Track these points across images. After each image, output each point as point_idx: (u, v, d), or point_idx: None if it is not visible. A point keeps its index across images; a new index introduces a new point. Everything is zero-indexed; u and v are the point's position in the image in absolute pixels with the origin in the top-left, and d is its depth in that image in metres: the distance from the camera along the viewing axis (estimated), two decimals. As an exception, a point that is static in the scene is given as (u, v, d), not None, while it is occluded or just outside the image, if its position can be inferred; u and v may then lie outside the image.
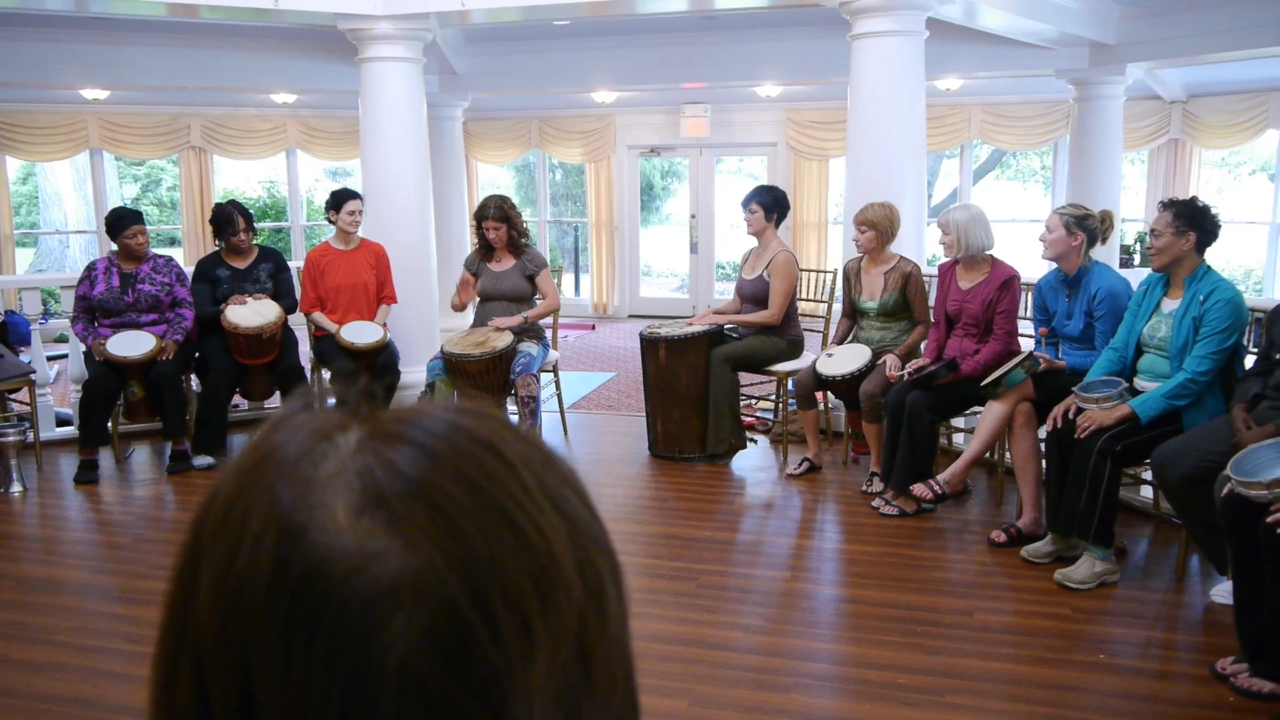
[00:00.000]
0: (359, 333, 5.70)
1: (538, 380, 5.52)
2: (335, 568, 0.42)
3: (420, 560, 0.42)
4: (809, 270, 6.40)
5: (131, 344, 5.37)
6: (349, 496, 0.44)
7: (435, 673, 0.42)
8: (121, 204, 5.76)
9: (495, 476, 0.46)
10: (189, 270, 5.86)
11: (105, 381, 5.33)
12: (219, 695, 0.43)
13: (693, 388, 5.57)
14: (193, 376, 5.86)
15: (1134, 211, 10.34)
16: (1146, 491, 4.70)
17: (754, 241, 5.72)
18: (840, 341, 5.41)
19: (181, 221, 11.13)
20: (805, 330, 5.85)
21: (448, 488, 0.44)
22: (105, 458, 5.66)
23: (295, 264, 6.37)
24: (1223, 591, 3.71)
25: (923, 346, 5.12)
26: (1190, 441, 3.63)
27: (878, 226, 5.17)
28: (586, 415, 6.87)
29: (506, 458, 0.47)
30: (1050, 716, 3.04)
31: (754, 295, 5.59)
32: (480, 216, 5.72)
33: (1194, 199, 3.97)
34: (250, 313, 5.50)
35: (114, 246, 5.61)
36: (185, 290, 5.67)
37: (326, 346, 5.78)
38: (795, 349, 5.66)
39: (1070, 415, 4.03)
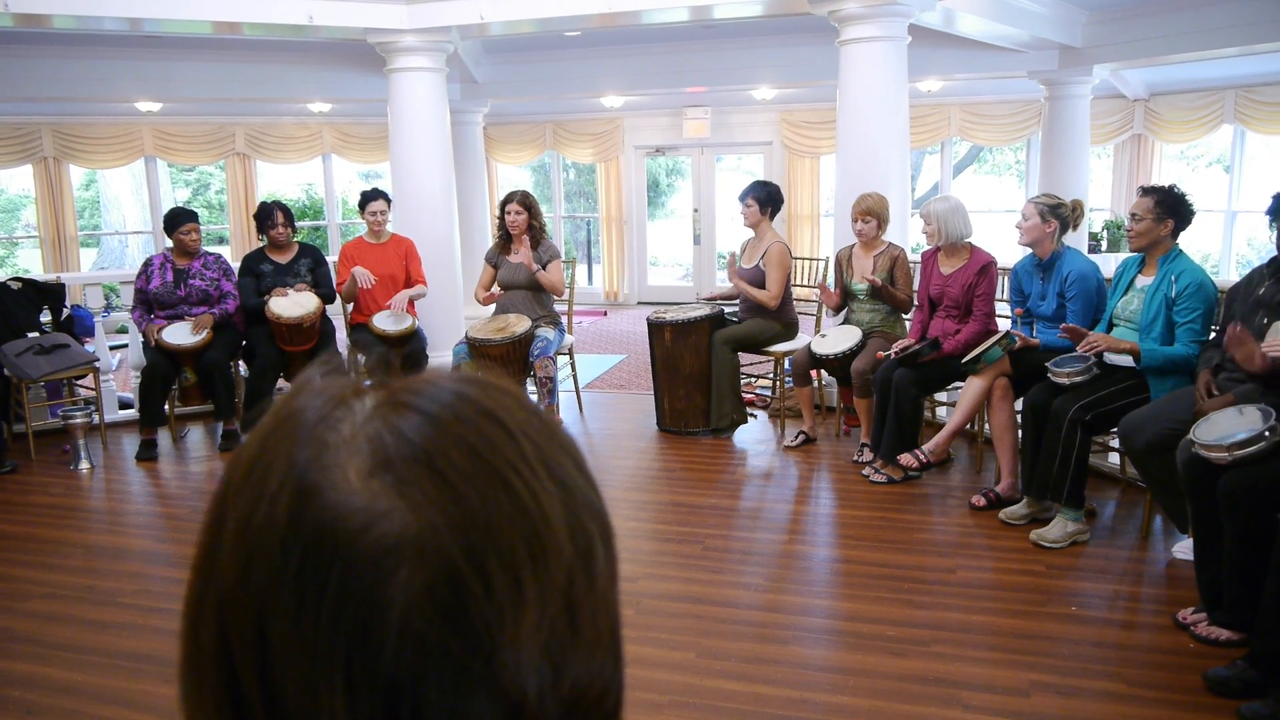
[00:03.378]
0: (390, 320, 5.70)
1: (555, 362, 5.51)
2: (345, 525, 0.42)
3: (422, 521, 0.42)
4: (803, 258, 6.35)
5: (184, 333, 5.39)
6: (360, 460, 0.44)
7: (432, 623, 0.42)
8: (176, 206, 5.79)
9: (495, 444, 0.45)
10: (235, 266, 5.87)
11: (161, 368, 5.35)
12: (238, 636, 0.43)
13: (696, 367, 5.55)
14: (241, 363, 5.88)
15: (1101, 202, 10.26)
16: (1114, 458, 4.67)
17: (749, 234, 5.69)
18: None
19: (229, 222, 11.14)
20: (800, 314, 5.82)
21: (450, 454, 0.44)
22: (163, 437, 5.69)
23: (332, 258, 6.36)
24: (1184, 548, 3.70)
25: (909, 327, 5.11)
26: (1154, 411, 3.61)
27: (879, 215, 5.15)
28: (600, 394, 6.86)
29: (507, 426, 0.46)
30: (1026, 664, 3.03)
31: (752, 282, 5.56)
32: (505, 201, 5.70)
33: (1173, 187, 3.88)
34: (291, 304, 5.50)
35: (169, 244, 5.62)
36: (231, 284, 5.68)
37: (362, 334, 5.77)
38: (791, 331, 5.64)
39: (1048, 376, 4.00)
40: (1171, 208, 3.82)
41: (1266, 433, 2.95)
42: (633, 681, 3.02)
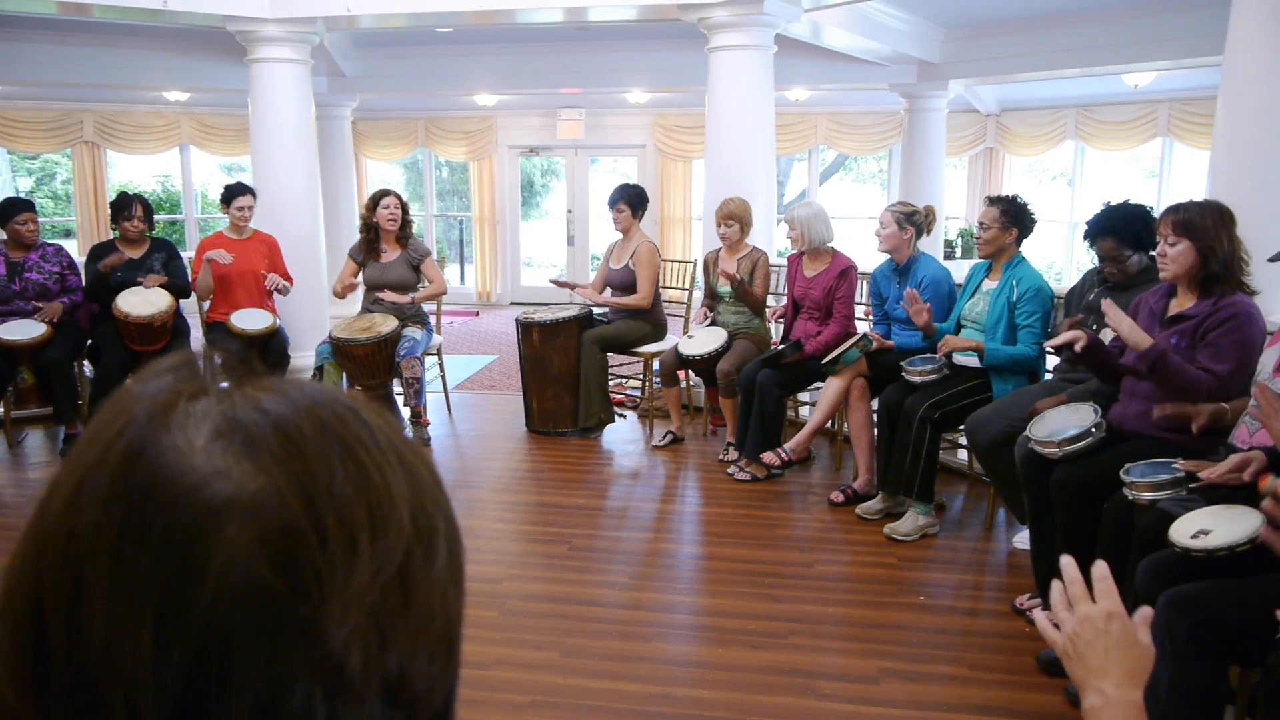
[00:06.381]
0: (249, 319, 5.49)
1: (422, 363, 5.42)
2: (177, 483, 0.43)
3: (264, 479, 0.43)
4: (673, 261, 6.44)
5: (20, 330, 5.05)
6: (209, 425, 0.45)
7: (258, 567, 0.42)
8: (11, 195, 5.46)
9: (349, 425, 0.47)
10: (80, 261, 5.54)
11: (-5, 367, 5.01)
12: (52, 579, 0.43)
13: (564, 368, 5.56)
14: (86, 363, 5.56)
15: (956, 211, 10.75)
16: (963, 454, 4.91)
17: (619, 236, 5.74)
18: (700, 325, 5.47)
19: (76, 214, 10.52)
20: (668, 315, 5.89)
21: (301, 425, 0.46)
22: (-3, 442, 5.33)
23: (188, 254, 6.09)
24: (1023, 538, 3.92)
25: (773, 329, 5.24)
26: (997, 410, 3.81)
27: (741, 219, 5.25)
28: (470, 395, 6.78)
29: (364, 419, 0.48)
30: (877, 652, 3.16)
31: (622, 283, 5.61)
32: (381, 194, 5.58)
33: (1016, 197, 4.14)
34: (141, 301, 5.23)
35: (3, 235, 5.27)
36: (77, 278, 5.37)
37: (218, 333, 5.54)
38: (660, 332, 5.70)
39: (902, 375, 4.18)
40: (1015, 217, 4.06)
41: (1093, 429, 3.15)
42: (495, 683, 3.00)
